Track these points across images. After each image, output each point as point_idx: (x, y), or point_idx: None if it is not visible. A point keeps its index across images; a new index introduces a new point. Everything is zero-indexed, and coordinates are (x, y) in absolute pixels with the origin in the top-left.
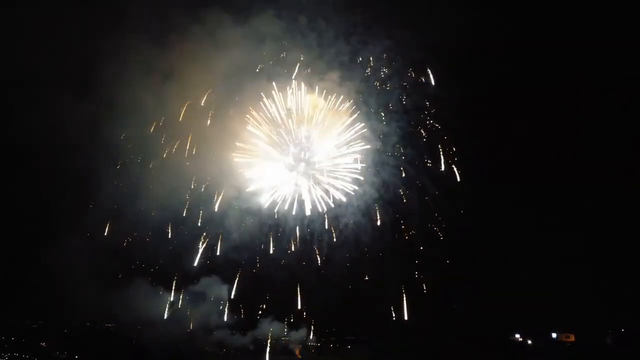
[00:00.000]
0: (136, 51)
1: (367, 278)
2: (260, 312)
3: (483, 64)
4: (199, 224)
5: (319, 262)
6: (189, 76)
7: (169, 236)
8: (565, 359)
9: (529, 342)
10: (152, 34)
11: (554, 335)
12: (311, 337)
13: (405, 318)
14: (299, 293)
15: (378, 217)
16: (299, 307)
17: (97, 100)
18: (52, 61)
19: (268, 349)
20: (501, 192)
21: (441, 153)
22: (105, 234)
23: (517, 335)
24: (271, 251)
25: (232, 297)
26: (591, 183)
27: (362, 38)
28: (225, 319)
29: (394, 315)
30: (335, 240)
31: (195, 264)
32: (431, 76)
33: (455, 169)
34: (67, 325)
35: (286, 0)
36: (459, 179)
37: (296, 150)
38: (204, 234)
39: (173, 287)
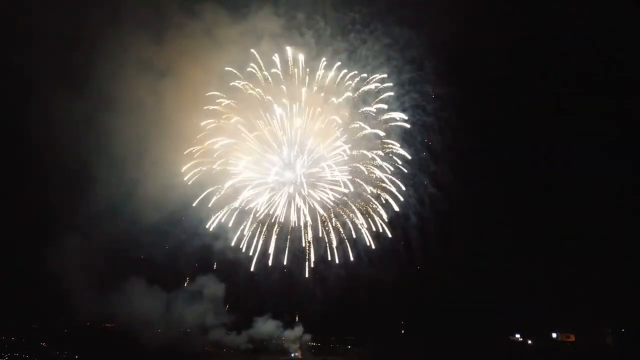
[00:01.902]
0: (133, 49)
1: (365, 280)
2: (256, 311)
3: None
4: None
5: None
6: (186, 74)
7: (166, 236)
8: (565, 359)
9: (529, 342)
10: (149, 31)
11: (554, 335)
12: (308, 336)
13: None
14: (296, 293)
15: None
16: (297, 306)
17: (94, 99)
18: (49, 59)
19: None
20: (501, 193)
21: (440, 152)
22: (103, 234)
23: (517, 335)
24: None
25: (228, 303)
26: (593, 183)
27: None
28: (221, 318)
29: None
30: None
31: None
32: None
33: (454, 169)
34: (67, 325)
35: None
36: (458, 179)
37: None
38: (196, 264)
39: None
